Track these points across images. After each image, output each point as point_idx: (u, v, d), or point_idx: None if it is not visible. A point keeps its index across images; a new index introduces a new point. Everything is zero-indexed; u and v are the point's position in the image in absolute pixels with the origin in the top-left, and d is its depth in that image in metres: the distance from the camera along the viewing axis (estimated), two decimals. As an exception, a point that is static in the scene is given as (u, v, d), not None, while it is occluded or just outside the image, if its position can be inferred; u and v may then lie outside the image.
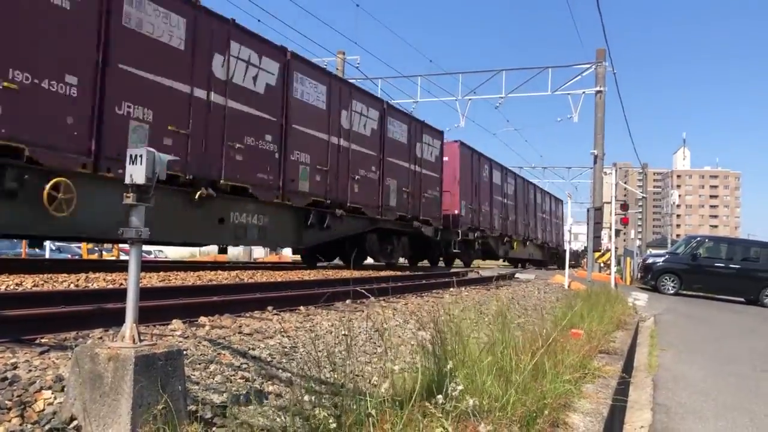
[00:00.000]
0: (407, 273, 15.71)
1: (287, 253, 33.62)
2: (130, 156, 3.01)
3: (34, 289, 6.86)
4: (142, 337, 2.85)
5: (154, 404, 2.59)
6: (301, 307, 6.91)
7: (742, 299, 21.12)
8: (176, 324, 5.02)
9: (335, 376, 3.44)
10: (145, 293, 5.85)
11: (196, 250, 37.53)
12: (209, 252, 35.46)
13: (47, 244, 20.16)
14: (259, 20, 27.15)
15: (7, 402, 2.73)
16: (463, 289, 11.94)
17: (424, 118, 20.57)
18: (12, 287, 6.77)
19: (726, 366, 7.68)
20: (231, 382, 3.63)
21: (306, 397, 3.35)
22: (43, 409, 2.75)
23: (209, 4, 11.45)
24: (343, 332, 5.55)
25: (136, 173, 2.98)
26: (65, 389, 2.79)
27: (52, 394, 2.87)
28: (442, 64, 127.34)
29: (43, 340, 4.03)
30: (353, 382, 3.45)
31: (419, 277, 13.85)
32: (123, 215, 3.04)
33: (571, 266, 19.16)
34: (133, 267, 2.91)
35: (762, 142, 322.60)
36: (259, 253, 34.70)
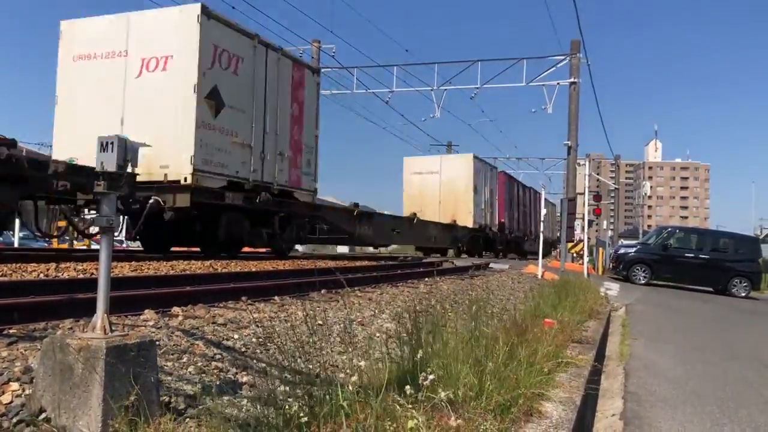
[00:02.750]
0: (382, 263, 15.72)
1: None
2: (101, 143, 2.94)
3: (2, 278, 6.72)
4: (113, 328, 2.81)
5: (126, 395, 2.55)
6: (276, 297, 6.87)
7: (711, 289, 21.52)
8: (149, 314, 4.95)
9: (309, 366, 3.43)
10: (116, 283, 5.76)
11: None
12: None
13: (16, 231, 19.77)
14: (233, 7, 26.76)
15: (-27, 394, 2.67)
16: (439, 279, 11.98)
17: (399, 108, 20.85)
18: (-21, 277, 6.63)
19: (695, 354, 7.83)
20: (205, 373, 3.60)
21: (280, 388, 3.34)
22: (11, 401, 2.69)
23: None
24: (318, 322, 5.53)
25: (107, 161, 2.92)
26: (34, 381, 2.73)
27: (21, 386, 2.81)
28: (418, 54, 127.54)
29: (11, 331, 3.94)
30: (327, 373, 3.44)
31: (394, 267, 13.86)
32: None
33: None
34: (103, 256, 2.86)
35: (731, 135, 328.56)
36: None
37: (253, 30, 13.43)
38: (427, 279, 11.48)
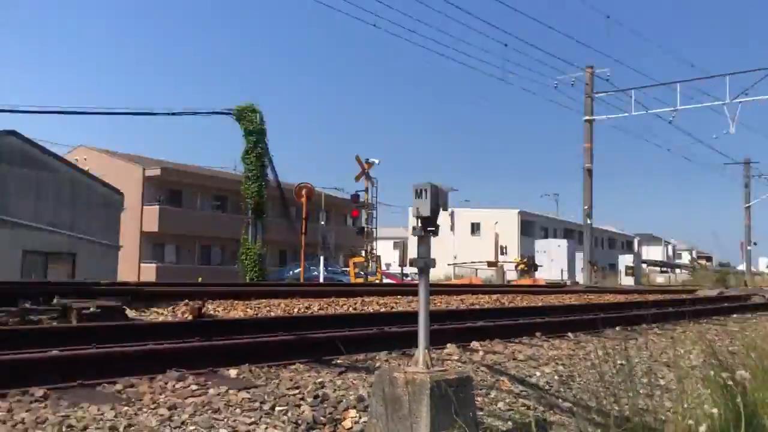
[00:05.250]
0: (676, 297, 14.48)
1: (540, 276, 33.04)
2: (416, 190, 3.19)
3: (320, 312, 7.60)
4: (432, 363, 2.98)
5: (450, 429, 2.67)
6: (569, 334, 6.71)
7: None
8: (451, 348, 5.16)
9: (617, 408, 3.26)
10: (413, 317, 6.14)
11: (450, 272, 38.58)
12: (463, 275, 36.31)
13: (321, 268, 22.26)
14: (505, 45, 27.07)
15: (321, 418, 3.03)
16: (750, 315, 10.63)
17: (683, 128, 18.96)
18: (303, 310, 7.59)
19: None
20: (513, 410, 3.63)
21: (589, 429, 3.22)
22: (351, 428, 2.99)
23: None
24: (619, 362, 5.25)
25: (421, 206, 3.15)
26: (369, 410, 3.01)
27: (357, 413, 3.12)
28: (706, 66, 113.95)
29: (338, 361, 4.41)
30: (639, 417, 3.24)
31: (692, 302, 12.67)
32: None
33: None
34: (422, 295, 3.06)
35: None
36: (512, 275, 34.58)
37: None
38: (735, 315, 10.26)
